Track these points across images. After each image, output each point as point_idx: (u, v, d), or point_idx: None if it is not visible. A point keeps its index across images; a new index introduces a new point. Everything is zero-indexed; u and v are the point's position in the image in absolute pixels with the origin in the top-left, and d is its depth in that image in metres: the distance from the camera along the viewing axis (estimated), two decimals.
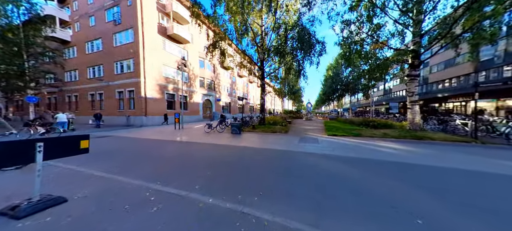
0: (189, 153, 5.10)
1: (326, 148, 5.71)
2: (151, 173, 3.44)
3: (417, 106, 7.96)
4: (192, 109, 20.51)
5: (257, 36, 11.95)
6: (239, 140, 7.30)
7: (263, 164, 3.99)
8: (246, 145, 6.19)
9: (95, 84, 16.28)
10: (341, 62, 25.75)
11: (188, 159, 4.46)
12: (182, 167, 3.79)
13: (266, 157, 4.61)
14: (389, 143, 6.46)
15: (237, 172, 3.49)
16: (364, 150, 5.29)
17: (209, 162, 4.18)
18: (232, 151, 5.37)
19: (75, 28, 17.11)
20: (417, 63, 7.76)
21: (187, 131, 10.77)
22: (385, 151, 5.19)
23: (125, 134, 9.71)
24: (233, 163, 4.06)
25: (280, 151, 5.33)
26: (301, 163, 4.06)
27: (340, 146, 5.93)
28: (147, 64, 14.49)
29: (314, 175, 3.25)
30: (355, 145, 6.08)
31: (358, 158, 4.45)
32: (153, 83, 15.19)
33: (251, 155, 4.83)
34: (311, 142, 6.85)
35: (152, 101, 15.09)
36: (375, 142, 6.76)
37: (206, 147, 6.07)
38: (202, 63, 23.17)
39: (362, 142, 6.63)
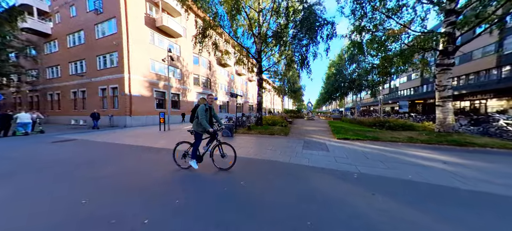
0: (149, 168, 3.61)
1: (342, 158, 4.19)
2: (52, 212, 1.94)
3: (450, 103, 6.41)
4: (184, 108, 19.05)
5: (253, 23, 10.40)
6: (233, 146, 5.81)
7: (253, 192, 2.49)
8: (241, 155, 4.70)
9: (77, 81, 14.86)
10: (344, 58, 24.19)
11: (139, 180, 2.96)
12: (121, 195, 2.30)
13: (259, 176, 3.12)
14: (423, 151, 4.93)
15: (209, 209, 2.00)
16: (396, 164, 3.76)
17: (170, 184, 2.69)
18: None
19: (56, 20, 15.69)
20: (451, 50, 6.21)
21: (171, 133, 9.30)
22: (429, 165, 3.66)
23: (95, 136, 8.25)
24: (206, 187, 2.56)
25: (278, 163, 3.83)
26: (312, 190, 2.56)
27: (359, 156, 4.41)
28: (133, 58, 13.04)
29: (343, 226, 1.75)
30: (380, 155, 4.55)
31: (397, 179, 2.93)
32: (140, 80, 13.75)
33: (238, 172, 3.33)
34: (318, 148, 5.34)
35: (139, 99, 13.65)
36: (402, 149, 5.22)
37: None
38: (196, 59, 21.71)
39: (386, 149, 5.10)
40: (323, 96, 37.21)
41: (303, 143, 6.22)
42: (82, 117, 14.85)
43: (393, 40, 7.36)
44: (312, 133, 9.08)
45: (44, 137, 8.26)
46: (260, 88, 11.20)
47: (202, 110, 3.10)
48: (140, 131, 10.34)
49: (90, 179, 3.04)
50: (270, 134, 8.59)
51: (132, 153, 4.97)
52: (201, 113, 3.09)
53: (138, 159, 4.33)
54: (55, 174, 3.32)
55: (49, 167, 3.80)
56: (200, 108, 3.13)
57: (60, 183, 2.87)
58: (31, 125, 8.78)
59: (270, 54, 12.09)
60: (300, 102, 47.37)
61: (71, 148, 5.77)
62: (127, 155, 4.73)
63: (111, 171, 3.42)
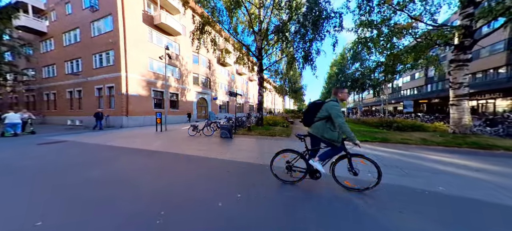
0: (136, 175, 3.18)
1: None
2: None
3: (466, 102, 5.92)
4: (184, 108, 18.66)
5: (253, 19, 9.97)
6: (226, 148, 5.38)
7: (257, 210, 2.05)
8: (233, 158, 4.26)
9: (73, 81, 14.50)
10: (347, 57, 23.71)
11: (120, 194, 2.53)
12: (95, 215, 1.87)
13: (259, 187, 2.67)
14: (442, 154, 4.46)
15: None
16: (417, 170, 3.30)
17: (157, 197, 2.25)
18: (210, 170, 3.44)
19: (51, 18, 15.36)
20: (468, 44, 5.73)
21: (167, 134, 8.88)
22: (458, 173, 3.18)
23: (87, 138, 7.84)
24: (200, 200, 2.12)
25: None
26: (325, 202, 2.11)
27: None
28: (130, 57, 12.65)
29: None
30: (395, 159, 4.09)
31: (424, 191, 2.47)
32: (137, 79, 13.36)
33: (238, 180, 2.89)
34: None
35: (136, 99, 13.25)
36: (418, 152, 4.76)
37: (171, 162, 4.14)
38: (196, 58, 21.32)
39: (400, 153, 4.64)
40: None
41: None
42: (78, 117, 14.49)
43: (404, 34, 6.87)
44: None
45: (34, 138, 7.87)
46: (261, 87, 10.76)
47: (337, 109, 2.08)
48: (136, 132, 9.93)
49: (63, 188, 2.61)
50: (271, 135, 8.15)
51: (121, 157, 4.54)
52: (336, 112, 2.05)
53: (126, 164, 3.90)
54: (23, 180, 2.89)
55: (21, 171, 3.38)
56: (332, 105, 2.11)
57: (19, 194, 2.44)
58: (20, 126, 8.39)
59: (271, 52, 11.64)
60: (301, 102, 46.91)
61: (56, 151, 5.36)
62: (115, 159, 4.31)
63: (91, 178, 2.99)
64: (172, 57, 16.51)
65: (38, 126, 14.34)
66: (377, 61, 13.87)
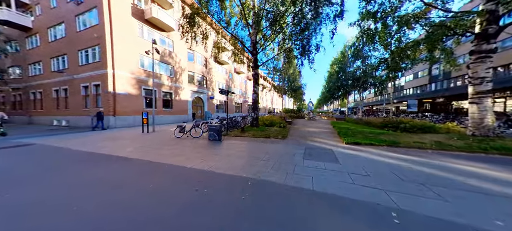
0: (76, 194, 2.40)
1: (360, 176, 2.95)
2: None
3: (488, 100, 5.13)
4: (178, 108, 17.88)
5: (247, 10, 9.17)
6: (210, 154, 4.60)
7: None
8: (213, 168, 3.48)
9: (59, 79, 13.72)
10: (348, 55, 22.90)
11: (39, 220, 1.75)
12: None
13: (227, 215, 1.89)
14: (472, 163, 3.66)
15: None
16: (451, 190, 2.51)
17: None
18: (174, 185, 2.66)
19: (36, 12, 14.56)
20: (492, 32, 4.93)
21: (152, 136, 8.11)
22: (497, 191, 2.40)
23: (60, 140, 7.07)
24: None
25: (267, 186, 2.60)
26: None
27: (383, 171, 3.17)
28: (117, 53, 11.87)
29: None
30: (415, 170, 3.31)
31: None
32: (126, 77, 12.58)
33: (205, 205, 2.12)
34: (324, 158, 4.11)
35: (125, 98, 12.48)
36: (439, 160, 3.97)
37: (132, 173, 3.37)
38: (191, 56, 20.53)
39: (418, 161, 3.85)
40: (324, 96, 35.94)
41: (304, 150, 4.98)
42: (65, 117, 13.71)
43: (414, 24, 6.06)
44: (315, 136, 7.85)
45: (2, 140, 7.10)
46: (256, 85, 9.97)
47: None
48: (120, 133, 9.16)
49: None
50: (266, 136, 7.38)
51: (74, 166, 3.76)
52: None
53: (72, 176, 3.12)
54: None
55: None
56: None
57: None
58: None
59: (266, 45, 10.83)
60: (301, 101, 46.13)
61: (12, 156, 4.59)
62: (64, 169, 3.53)
63: (13, 197, 2.21)
64: (164, 54, 15.71)
65: (22, 126, 13.59)
66: (381, 58, 13.10)
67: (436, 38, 5.48)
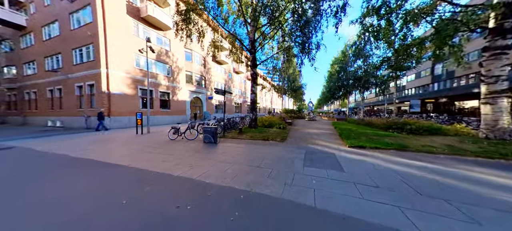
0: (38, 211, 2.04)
1: (369, 188, 2.58)
2: None
3: (504, 100, 4.73)
4: (176, 108, 17.53)
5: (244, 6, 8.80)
6: (202, 159, 4.24)
7: None
8: (202, 177, 3.12)
9: (53, 78, 13.40)
10: (349, 55, 22.51)
11: None
12: None
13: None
14: (495, 172, 3.28)
15: None
16: (485, 208, 2.13)
17: None
18: (152, 197, 2.30)
19: (30, 10, 14.24)
20: (509, 26, 4.53)
21: (145, 138, 7.75)
22: None
23: (47, 143, 6.71)
24: None
25: (262, 200, 2.23)
26: None
27: (394, 181, 2.80)
28: (112, 51, 11.52)
29: None
30: (430, 180, 2.93)
31: None
32: (122, 77, 12.24)
33: (184, 227, 1.75)
34: (326, 164, 3.74)
35: (119, 98, 12.13)
36: (455, 167, 3.59)
37: (112, 183, 3.01)
38: (189, 55, 20.19)
39: (431, 168, 3.48)
40: (325, 96, 35.54)
41: (305, 154, 4.62)
42: (59, 118, 13.38)
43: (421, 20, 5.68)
44: (315, 138, 7.47)
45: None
46: (254, 84, 9.61)
47: None
48: (113, 135, 8.81)
49: None
50: (264, 138, 7.01)
51: (54, 174, 3.40)
52: None
53: (43, 189, 2.76)
54: None
55: None
56: None
57: None
58: None
59: (265, 43, 10.46)
60: (301, 102, 45.72)
61: None
62: (39, 179, 3.17)
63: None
64: (160, 53, 15.34)
65: (15, 127, 13.27)
66: (383, 57, 12.74)
67: (447, 34, 5.09)
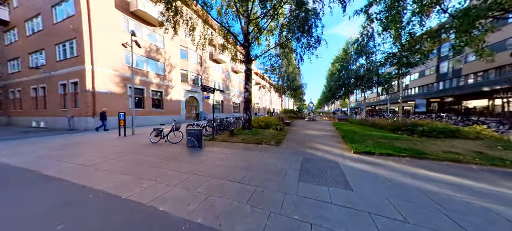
0: None
1: (391, 222, 1.74)
2: None
3: None
4: (170, 108, 16.75)
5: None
6: (171, 173, 3.41)
7: None
8: (156, 202, 2.30)
9: (37, 76, 12.62)
10: (350, 53, 21.64)
11: None
12: None
13: None
14: None
15: None
16: None
17: None
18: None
19: (13, 3, 13.50)
20: None
21: (125, 141, 6.95)
22: None
23: (8, 147, 5.92)
24: None
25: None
26: None
27: (424, 207, 1.96)
28: (97, 47, 10.74)
29: None
30: (478, 207, 2.09)
31: None
32: (109, 74, 11.46)
33: None
34: (328, 178, 2.89)
35: (107, 97, 11.35)
36: (497, 184, 2.75)
37: (23, 210, 2.19)
38: (184, 53, 19.40)
39: (465, 185, 2.64)
40: (325, 95, 34.63)
41: (302, 163, 3.79)
42: (43, 118, 12.62)
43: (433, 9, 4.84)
44: (315, 140, 6.64)
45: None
46: (248, 82, 8.79)
47: None
48: (92, 137, 8.02)
49: None
50: (257, 142, 6.20)
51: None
52: None
53: None
54: None
55: None
56: None
57: None
58: None
59: (261, 36, 9.64)
60: (301, 102, 44.82)
61: None
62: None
63: None
64: (151, 49, 14.50)
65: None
66: (388, 53, 11.88)
67: (477, 15, 4.16)
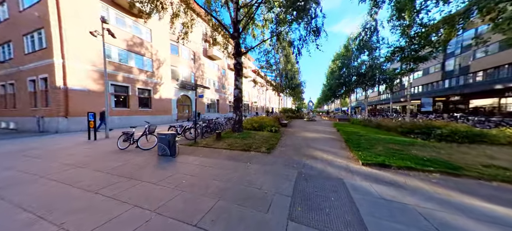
0: None
1: None
2: None
3: None
4: (159, 107, 15.59)
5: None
6: (120, 198, 2.27)
7: None
8: None
9: (4, 71, 11.35)
10: (351, 49, 20.57)
11: None
12: None
13: None
14: None
15: None
16: None
17: None
18: None
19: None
20: None
21: (89, 147, 5.81)
22: None
23: None
24: None
25: None
26: None
27: None
28: (69, 38, 9.52)
29: None
30: None
31: None
32: (85, 69, 10.26)
33: None
34: (332, 209, 1.78)
35: (82, 95, 10.16)
36: None
37: None
38: (175, 48, 18.20)
39: None
40: (325, 94, 33.59)
41: (295, 181, 2.70)
42: (13, 119, 11.37)
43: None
44: (314, 145, 5.57)
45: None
46: (238, 77, 7.65)
47: None
48: (53, 141, 6.86)
49: None
50: (245, 148, 5.11)
51: None
52: None
53: None
54: None
55: None
56: None
57: None
58: None
59: (249, 22, 8.51)
60: (301, 101, 43.77)
61: None
62: None
63: None
64: (135, 43, 13.19)
65: None
66: (395, 47, 10.81)
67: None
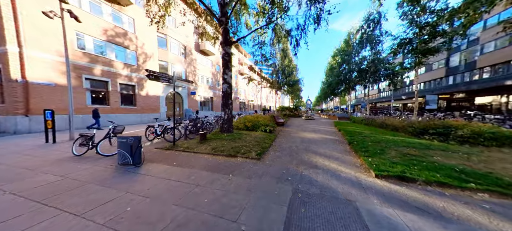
0: None
1: None
2: None
3: None
4: (145, 105, 14.29)
5: None
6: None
7: None
8: None
9: None
10: (352, 44, 19.58)
11: None
12: None
13: None
14: None
15: None
16: None
17: None
18: None
19: None
20: None
21: (39, 153, 4.55)
22: None
23: None
24: None
25: None
26: None
27: None
28: (27, 23, 8.12)
29: None
30: None
31: None
32: (51, 61, 8.90)
33: None
34: None
35: (48, 90, 8.82)
36: None
37: None
38: (163, 41, 16.76)
39: None
40: (324, 92, 32.70)
41: (288, 208, 1.59)
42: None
43: None
44: (314, 149, 4.49)
45: None
46: (226, 70, 6.48)
47: None
48: (4, 143, 5.56)
49: None
50: (232, 153, 3.98)
51: None
52: None
53: None
54: None
55: None
56: None
57: None
58: None
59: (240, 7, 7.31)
60: (299, 99, 42.79)
61: None
62: None
63: None
64: (117, 34, 11.66)
65: None
66: (402, 39, 9.85)
67: None
